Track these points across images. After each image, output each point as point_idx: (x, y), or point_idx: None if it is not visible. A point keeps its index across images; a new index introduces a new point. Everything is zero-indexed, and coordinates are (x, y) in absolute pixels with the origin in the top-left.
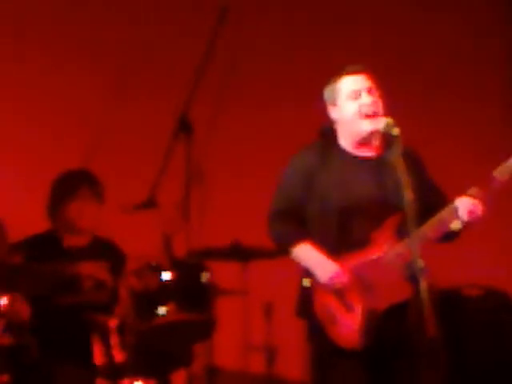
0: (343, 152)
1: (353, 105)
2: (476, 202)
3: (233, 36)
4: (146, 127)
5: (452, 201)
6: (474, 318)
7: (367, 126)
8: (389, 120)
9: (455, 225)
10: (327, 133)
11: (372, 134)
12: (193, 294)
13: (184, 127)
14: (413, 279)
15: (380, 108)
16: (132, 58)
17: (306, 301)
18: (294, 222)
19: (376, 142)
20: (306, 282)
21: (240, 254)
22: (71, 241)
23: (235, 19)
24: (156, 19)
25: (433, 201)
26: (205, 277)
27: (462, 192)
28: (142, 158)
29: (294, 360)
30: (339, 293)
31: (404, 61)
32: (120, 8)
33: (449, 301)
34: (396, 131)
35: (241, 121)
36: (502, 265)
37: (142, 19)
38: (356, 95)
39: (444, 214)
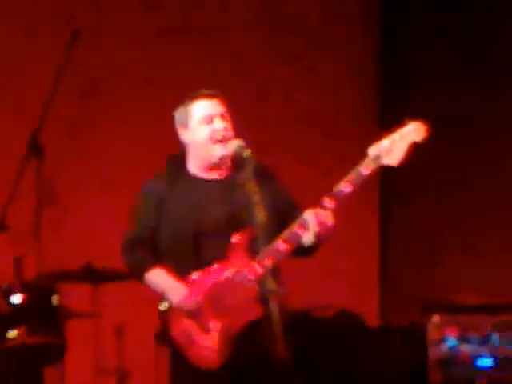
0: (192, 176)
1: (205, 129)
2: (325, 212)
3: (89, 55)
4: None
5: (302, 213)
6: (326, 339)
7: (218, 152)
8: (239, 142)
9: (308, 237)
10: (176, 159)
11: (222, 158)
12: (43, 316)
13: (35, 149)
14: (264, 299)
15: (231, 134)
16: None
17: (165, 325)
18: (148, 248)
19: (226, 165)
20: (163, 306)
21: (92, 276)
22: None
23: (92, 38)
24: (9, 40)
25: (289, 215)
26: (55, 299)
27: (313, 204)
28: None
29: (146, 383)
30: (195, 314)
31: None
32: None
33: (303, 322)
34: (247, 153)
35: (95, 142)
36: (355, 286)
37: None
38: (208, 120)
39: (294, 226)
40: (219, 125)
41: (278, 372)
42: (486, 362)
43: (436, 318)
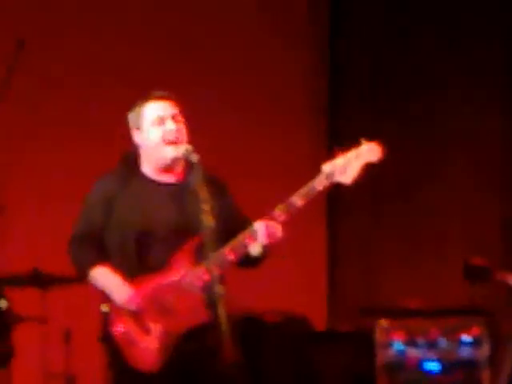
0: (144, 178)
1: (157, 131)
2: (275, 224)
3: (26, 67)
4: None
5: (251, 224)
6: (275, 344)
7: (170, 153)
8: (188, 147)
9: (255, 248)
10: (129, 158)
11: (174, 160)
12: None
13: None
14: (211, 304)
15: (184, 135)
16: None
17: (106, 325)
18: (94, 246)
19: (179, 168)
20: (105, 308)
21: (39, 281)
22: None
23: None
24: None
25: (238, 229)
26: (3, 304)
27: (262, 214)
28: None
29: None
30: (137, 316)
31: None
32: None
33: (250, 327)
34: (195, 158)
35: (42, 148)
36: (302, 290)
37: None
38: (161, 121)
39: (243, 236)
40: (171, 126)
41: (225, 376)
42: (433, 366)
43: (383, 323)
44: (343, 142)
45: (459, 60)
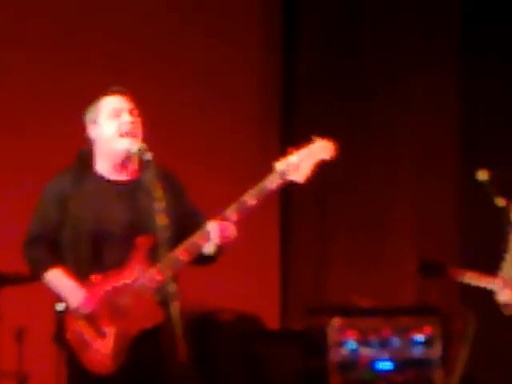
0: (98, 176)
1: (113, 123)
2: (228, 224)
3: None
4: None
5: (204, 224)
6: (228, 342)
7: (124, 145)
8: (143, 145)
9: (208, 248)
10: (84, 156)
11: (127, 155)
12: None
13: None
14: (164, 304)
15: (139, 130)
16: None
17: (60, 327)
18: (48, 247)
19: (133, 166)
20: (60, 307)
21: None
22: None
23: None
24: None
25: (192, 224)
26: None
27: (216, 214)
28: None
29: None
30: (91, 318)
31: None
32: None
33: (203, 325)
34: (148, 156)
35: None
36: (255, 289)
37: None
38: (116, 114)
39: (196, 237)
40: (126, 118)
41: (177, 376)
42: (385, 365)
43: (336, 322)
44: (296, 139)
45: (409, 54)
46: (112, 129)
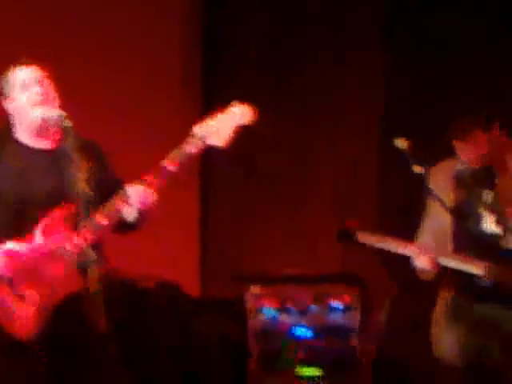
0: (19, 145)
1: (23, 95)
2: (147, 189)
3: None
4: None
5: (124, 188)
6: (147, 310)
7: (37, 114)
8: (61, 112)
9: (129, 213)
10: (3, 127)
11: (45, 123)
12: None
13: None
14: (85, 270)
15: (52, 98)
16: None
17: None
18: None
19: (55, 135)
20: None
21: None
22: None
23: None
24: None
25: (112, 190)
26: None
27: (135, 179)
28: None
29: None
30: (11, 283)
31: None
32: None
33: (122, 293)
34: (68, 123)
35: None
36: (176, 256)
37: None
38: (26, 86)
39: (115, 201)
40: (36, 89)
41: (96, 343)
42: (304, 332)
43: (255, 289)
44: (217, 103)
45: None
46: (24, 100)
